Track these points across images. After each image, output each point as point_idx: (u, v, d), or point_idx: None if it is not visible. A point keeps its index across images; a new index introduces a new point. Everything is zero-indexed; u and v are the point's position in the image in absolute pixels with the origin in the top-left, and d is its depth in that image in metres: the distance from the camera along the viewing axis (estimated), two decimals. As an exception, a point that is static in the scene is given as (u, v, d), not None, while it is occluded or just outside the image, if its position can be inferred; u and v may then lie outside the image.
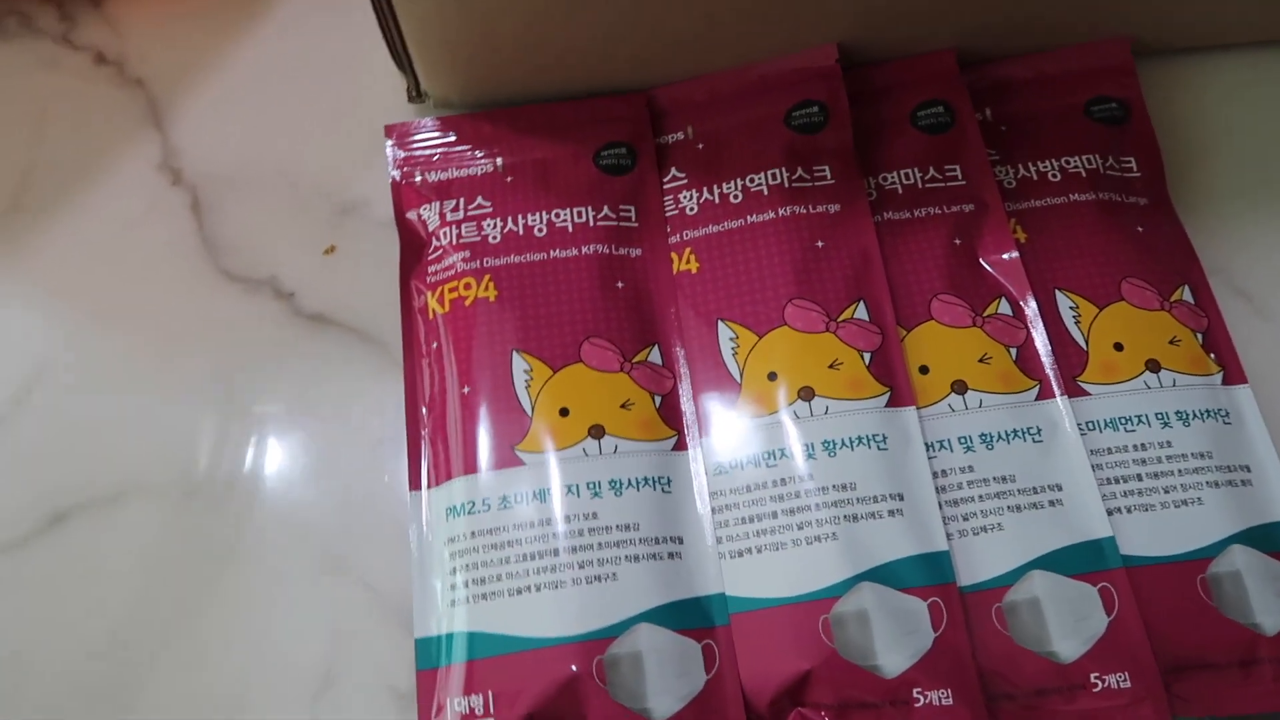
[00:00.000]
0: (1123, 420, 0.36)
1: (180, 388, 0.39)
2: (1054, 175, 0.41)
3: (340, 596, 0.35)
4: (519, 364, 0.37)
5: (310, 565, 0.36)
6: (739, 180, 0.40)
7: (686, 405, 0.37)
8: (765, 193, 0.40)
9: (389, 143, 0.42)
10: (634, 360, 0.37)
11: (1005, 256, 0.39)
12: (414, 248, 0.40)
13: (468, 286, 0.38)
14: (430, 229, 0.40)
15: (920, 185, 0.40)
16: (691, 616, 0.33)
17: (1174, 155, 0.42)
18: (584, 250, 0.39)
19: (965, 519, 0.35)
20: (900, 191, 0.40)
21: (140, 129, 0.44)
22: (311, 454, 0.38)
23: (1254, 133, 0.43)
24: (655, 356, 0.37)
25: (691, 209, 0.40)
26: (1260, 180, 0.42)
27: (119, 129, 0.44)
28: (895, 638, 0.33)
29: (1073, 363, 0.37)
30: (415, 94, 0.43)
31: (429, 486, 0.36)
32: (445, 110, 0.43)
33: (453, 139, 0.42)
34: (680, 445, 0.36)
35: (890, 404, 0.36)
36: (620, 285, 0.38)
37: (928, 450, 0.36)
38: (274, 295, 0.40)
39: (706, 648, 0.33)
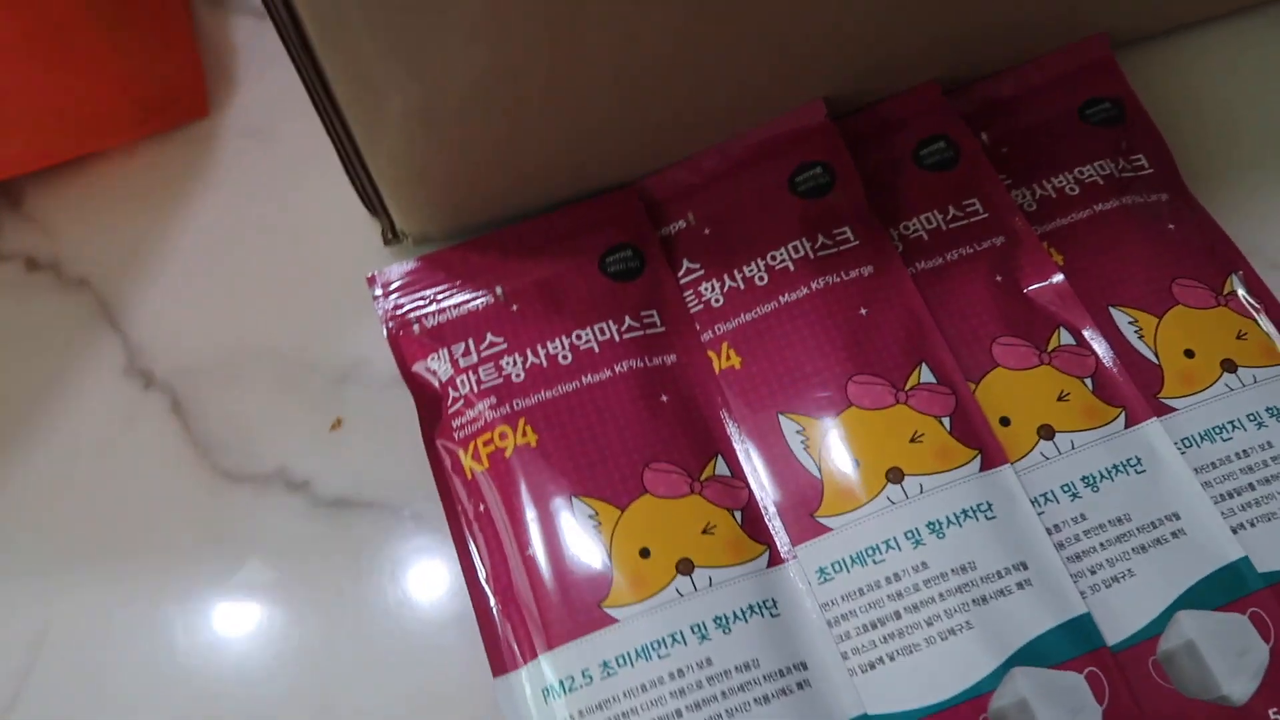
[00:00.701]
0: (1217, 430, 0.35)
1: (212, 615, 0.35)
2: (1071, 189, 0.39)
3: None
4: (581, 510, 0.33)
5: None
6: (760, 260, 0.38)
7: (769, 514, 0.34)
8: (791, 268, 0.37)
9: (374, 293, 0.39)
10: (702, 479, 0.34)
11: (1050, 282, 0.37)
12: (431, 403, 0.37)
13: (503, 436, 0.35)
14: (444, 379, 0.37)
15: (944, 227, 0.38)
16: None
17: (1177, 142, 0.41)
18: (617, 369, 0.36)
19: (1092, 572, 0.33)
20: (925, 238, 0.38)
21: (95, 333, 0.40)
22: (375, 655, 0.34)
23: (1252, 102, 0.42)
24: (722, 468, 0.34)
25: (716, 300, 0.37)
26: (1271, 149, 0.41)
27: (71, 337, 0.40)
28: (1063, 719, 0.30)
29: (1149, 380, 0.36)
30: (391, 235, 0.40)
31: (513, 669, 0.32)
32: (426, 247, 0.40)
33: (443, 276, 0.39)
34: (774, 559, 0.33)
35: (984, 467, 0.34)
36: (665, 399, 0.35)
37: (1033, 507, 0.33)
38: (287, 489, 0.37)
39: None
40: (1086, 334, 0.36)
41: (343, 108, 0.33)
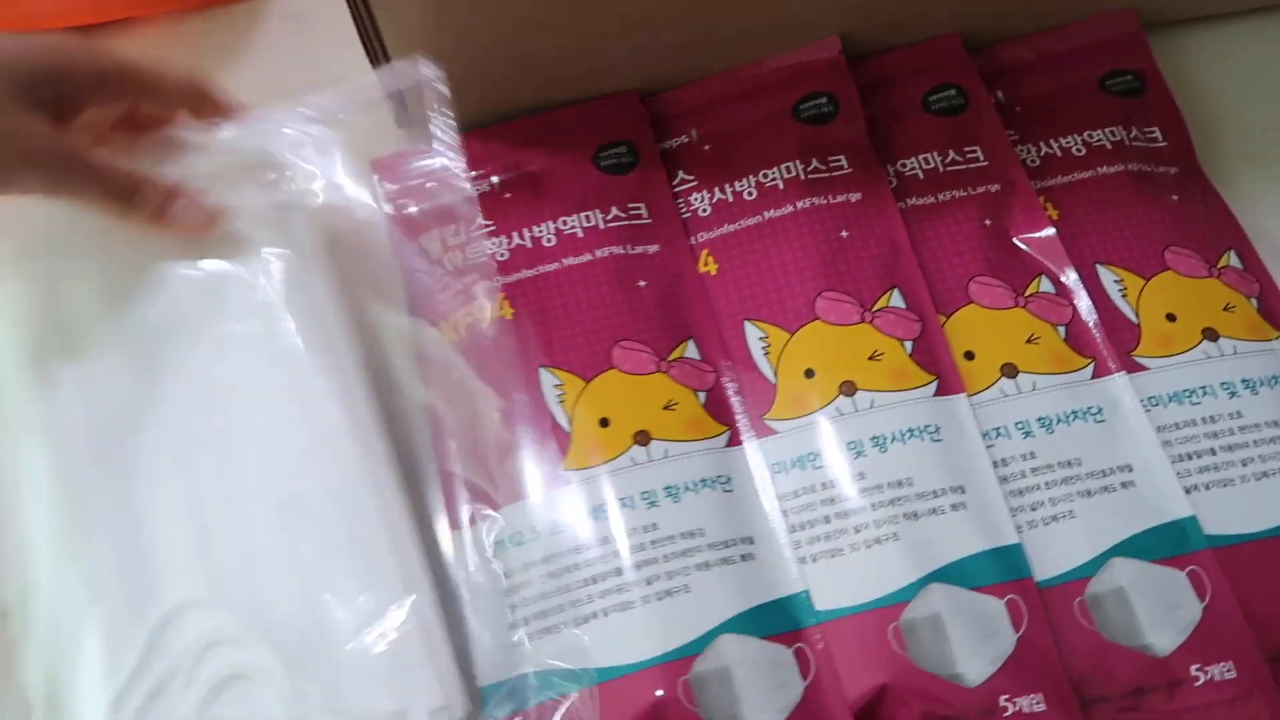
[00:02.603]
0: (1187, 393, 0.34)
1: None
2: (1078, 150, 0.39)
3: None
4: (548, 379, 0.34)
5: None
6: (752, 177, 0.38)
7: (735, 399, 0.34)
8: (781, 186, 0.37)
9: (375, 177, 0.40)
10: (670, 358, 0.34)
11: (1041, 234, 0.37)
12: (417, 281, 0.38)
13: (480, 309, 0.36)
14: (433, 258, 0.38)
15: (941, 169, 0.38)
16: (776, 620, 0.30)
17: (1199, 126, 0.40)
18: (598, 254, 0.36)
19: (1033, 509, 0.32)
20: (921, 176, 0.38)
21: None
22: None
23: (1273, 99, 0.42)
24: (693, 352, 0.35)
25: (704, 210, 0.38)
26: (1289, 143, 0.40)
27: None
28: (974, 642, 0.30)
29: (1125, 337, 0.35)
30: (404, 119, 0.41)
31: (470, 524, 0.33)
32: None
33: (441, 165, 0.40)
34: (734, 440, 0.33)
35: (939, 392, 0.33)
36: (643, 284, 0.36)
37: (984, 439, 0.33)
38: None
39: (799, 652, 0.30)
40: (1069, 284, 0.36)
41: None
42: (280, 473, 0.31)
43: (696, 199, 0.38)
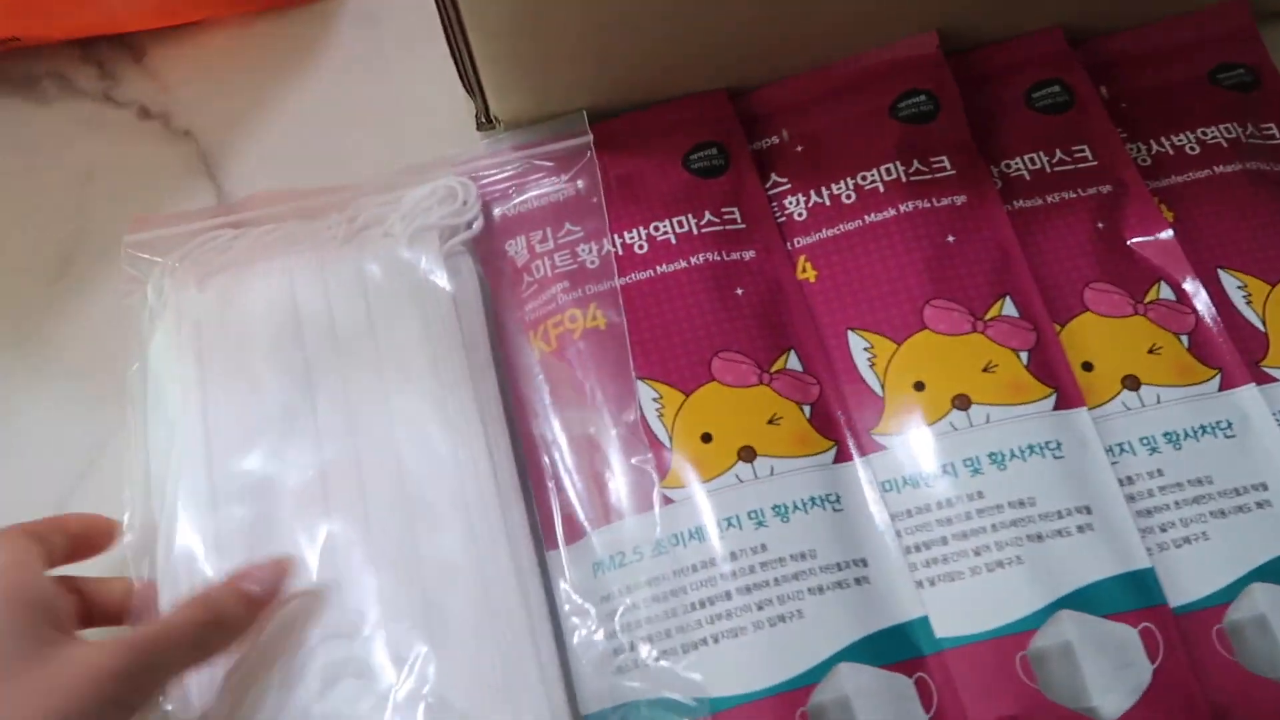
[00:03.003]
0: (1322, 406, 0.32)
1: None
2: (1192, 148, 0.37)
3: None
4: (646, 393, 0.33)
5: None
6: (849, 180, 0.36)
7: (840, 413, 0.33)
8: (881, 189, 0.36)
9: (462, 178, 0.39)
10: (772, 370, 0.33)
11: (1158, 237, 0.35)
12: (503, 287, 0.37)
13: (573, 319, 0.34)
14: (520, 264, 0.37)
15: (1049, 169, 0.37)
16: (895, 648, 0.29)
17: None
18: (693, 261, 0.35)
19: (1163, 530, 0.30)
20: (1027, 178, 0.36)
21: (193, 179, 0.41)
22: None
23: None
24: (794, 363, 0.33)
25: (800, 214, 0.37)
26: None
27: (170, 182, 0.41)
28: (1109, 673, 0.28)
29: (1252, 346, 0.33)
30: (485, 119, 0.40)
31: (567, 543, 0.32)
32: (517, 135, 0.40)
33: (525, 166, 0.39)
34: (842, 456, 0.32)
35: (1058, 406, 0.32)
36: (740, 292, 0.34)
37: (1108, 455, 0.31)
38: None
39: (920, 682, 0.28)
40: (1189, 290, 0.34)
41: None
42: (412, 485, 0.31)
43: (791, 202, 0.37)
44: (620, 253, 0.35)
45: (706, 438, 0.32)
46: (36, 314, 0.39)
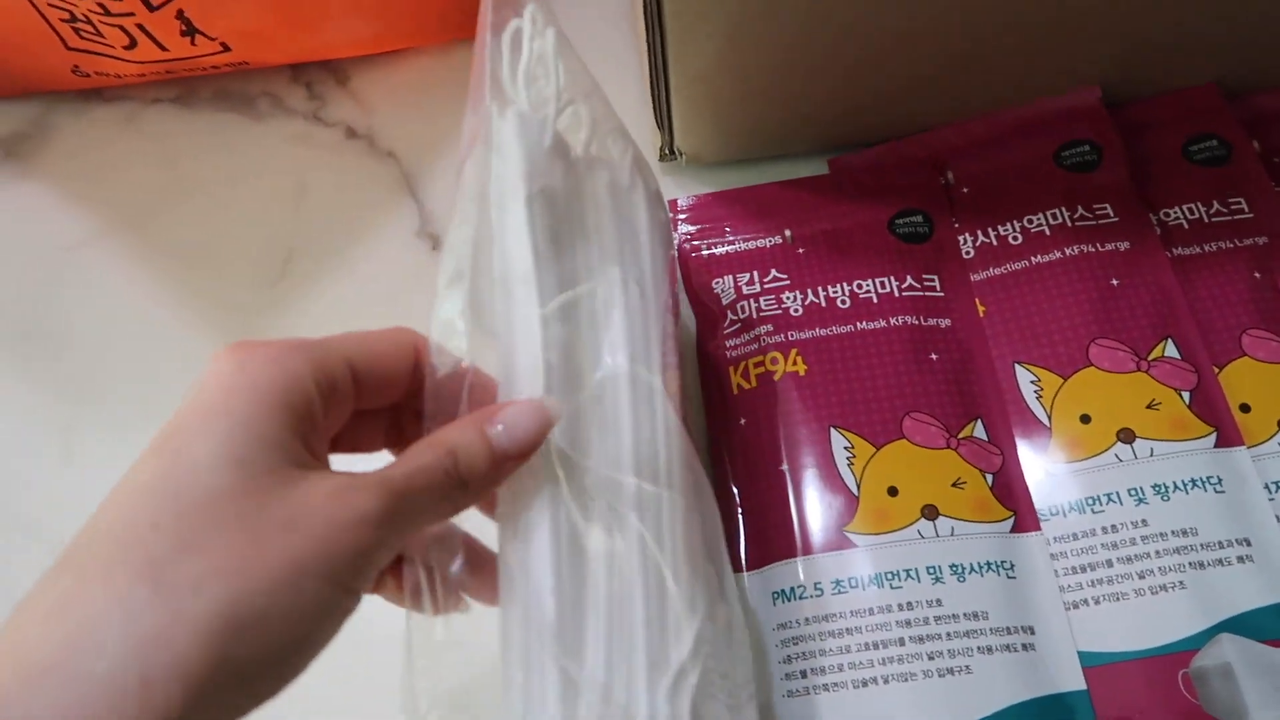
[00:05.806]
0: None
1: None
2: (1347, 205, 0.39)
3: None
4: (838, 441, 0.36)
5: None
6: (1016, 222, 0.39)
7: (1019, 485, 0.35)
8: (1047, 233, 0.39)
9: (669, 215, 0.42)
10: (960, 436, 0.36)
11: (1313, 289, 0.37)
12: (709, 320, 0.40)
13: (774, 361, 0.38)
14: (726, 302, 0.40)
15: (1206, 219, 0.39)
16: (1054, 715, 0.31)
17: None
18: (892, 322, 0.38)
19: (1320, 564, 0.33)
20: (1186, 226, 0.39)
21: (396, 197, 0.45)
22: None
23: None
24: (980, 432, 0.36)
25: (967, 253, 0.39)
26: None
27: (376, 198, 0.45)
28: (1267, 694, 0.30)
29: None
30: (668, 151, 0.43)
31: (748, 569, 0.35)
32: (697, 169, 0.44)
33: (735, 210, 0.42)
34: (1019, 527, 0.34)
35: (1218, 444, 0.34)
36: (934, 357, 0.37)
37: (1265, 492, 0.34)
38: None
39: None
40: (1347, 341, 0.36)
41: (667, 17, 0.36)
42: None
43: (960, 241, 0.40)
44: (823, 305, 0.38)
45: (893, 491, 0.34)
46: (260, 312, 0.43)
